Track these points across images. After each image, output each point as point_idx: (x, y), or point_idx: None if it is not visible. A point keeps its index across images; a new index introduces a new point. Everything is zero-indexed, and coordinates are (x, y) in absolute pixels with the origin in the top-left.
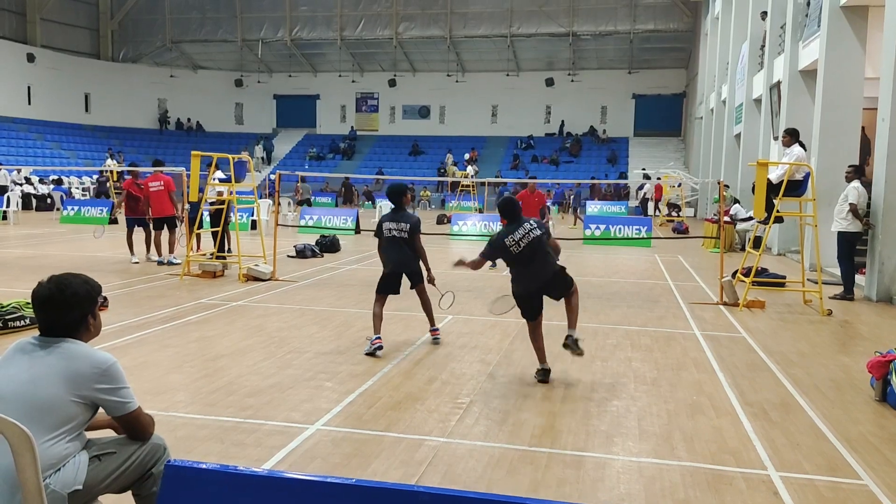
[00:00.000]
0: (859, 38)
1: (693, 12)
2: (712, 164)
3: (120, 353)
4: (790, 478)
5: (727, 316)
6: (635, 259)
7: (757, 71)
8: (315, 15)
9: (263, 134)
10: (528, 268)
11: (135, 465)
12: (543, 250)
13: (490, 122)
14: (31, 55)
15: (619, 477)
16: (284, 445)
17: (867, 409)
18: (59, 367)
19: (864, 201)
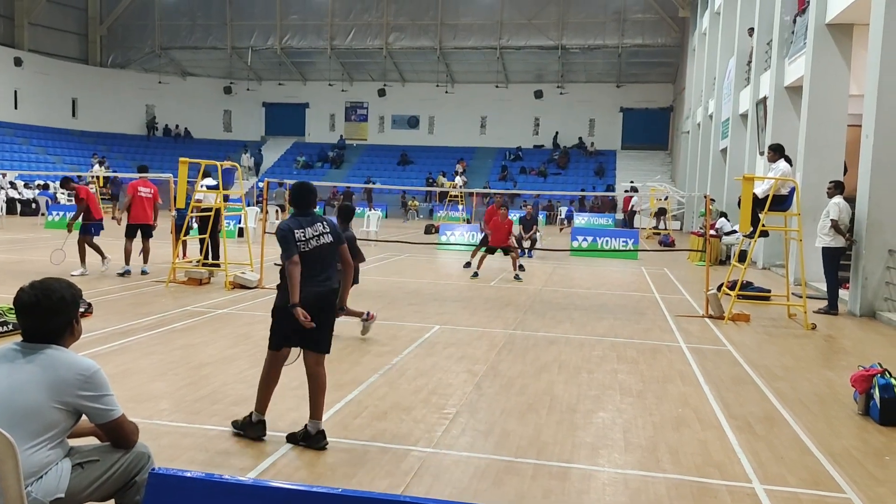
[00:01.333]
0: (844, 56)
1: (681, 28)
2: (699, 178)
3: (104, 360)
4: (774, 491)
5: (713, 329)
6: (622, 271)
7: (743, 86)
8: (305, 23)
9: (252, 142)
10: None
11: (118, 473)
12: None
13: (479, 133)
14: (18, 59)
15: (604, 489)
16: (269, 455)
17: (850, 423)
18: (42, 373)
19: (847, 217)
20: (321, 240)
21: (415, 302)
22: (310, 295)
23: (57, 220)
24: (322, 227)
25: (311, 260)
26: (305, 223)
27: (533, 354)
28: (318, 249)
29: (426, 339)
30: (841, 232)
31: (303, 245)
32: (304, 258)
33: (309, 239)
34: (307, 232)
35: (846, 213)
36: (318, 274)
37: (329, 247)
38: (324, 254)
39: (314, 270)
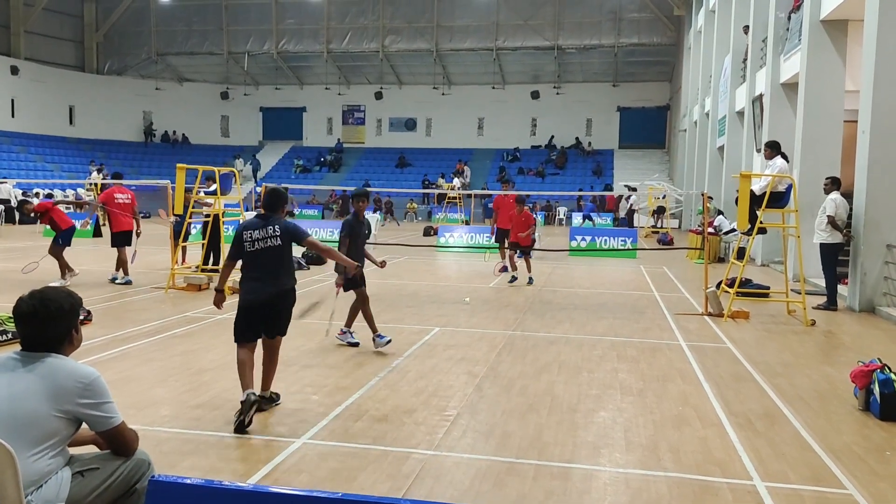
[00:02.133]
0: (839, 52)
1: (676, 26)
2: (696, 176)
3: (104, 367)
4: (775, 488)
5: (712, 327)
6: (621, 270)
7: (739, 84)
8: (302, 28)
9: (250, 146)
10: (258, 276)
11: (119, 480)
12: (280, 263)
13: (476, 135)
14: (14, 67)
15: (605, 489)
16: (270, 459)
17: (851, 419)
18: (42, 382)
19: (844, 212)
20: (268, 242)
21: (414, 304)
22: (261, 294)
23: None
24: (274, 230)
25: (256, 260)
26: (259, 225)
27: (533, 355)
28: (265, 251)
29: (426, 341)
30: (838, 228)
31: (248, 245)
32: (250, 257)
33: (256, 240)
34: (255, 234)
35: (843, 209)
36: (265, 274)
37: (276, 249)
38: (270, 255)
39: (261, 271)
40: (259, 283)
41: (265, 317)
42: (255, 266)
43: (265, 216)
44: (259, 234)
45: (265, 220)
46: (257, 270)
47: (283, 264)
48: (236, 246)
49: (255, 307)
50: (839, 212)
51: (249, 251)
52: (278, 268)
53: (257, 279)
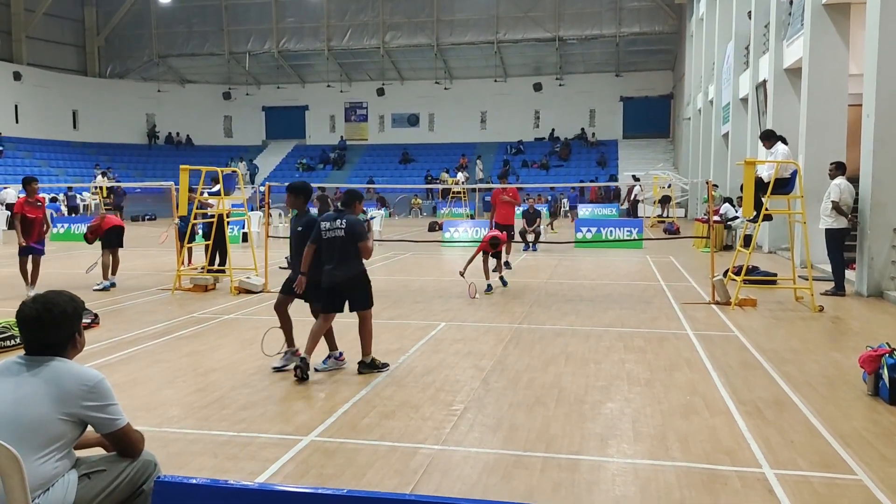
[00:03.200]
0: (842, 36)
1: (678, 14)
2: (701, 164)
3: (111, 369)
4: (785, 475)
5: (719, 315)
6: (627, 261)
7: (742, 70)
8: (302, 26)
9: (253, 146)
10: (329, 261)
11: (125, 482)
12: (344, 253)
13: (479, 129)
14: (17, 73)
15: (614, 479)
16: (278, 458)
17: (860, 405)
18: (47, 386)
19: (850, 197)
20: (335, 233)
21: (420, 300)
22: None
23: (62, 232)
24: (340, 224)
25: (328, 248)
26: (332, 218)
27: (539, 347)
28: (333, 241)
29: (432, 336)
30: (843, 213)
31: (324, 233)
32: (324, 245)
33: (327, 230)
34: (327, 225)
35: (848, 194)
36: (333, 261)
37: (340, 240)
38: (337, 245)
39: (330, 257)
40: (329, 268)
41: (339, 295)
42: (326, 253)
43: (339, 211)
44: (329, 226)
45: (338, 215)
46: (328, 258)
47: (347, 253)
48: (316, 233)
49: (328, 288)
50: (844, 197)
51: (324, 239)
52: (344, 256)
53: (328, 265)
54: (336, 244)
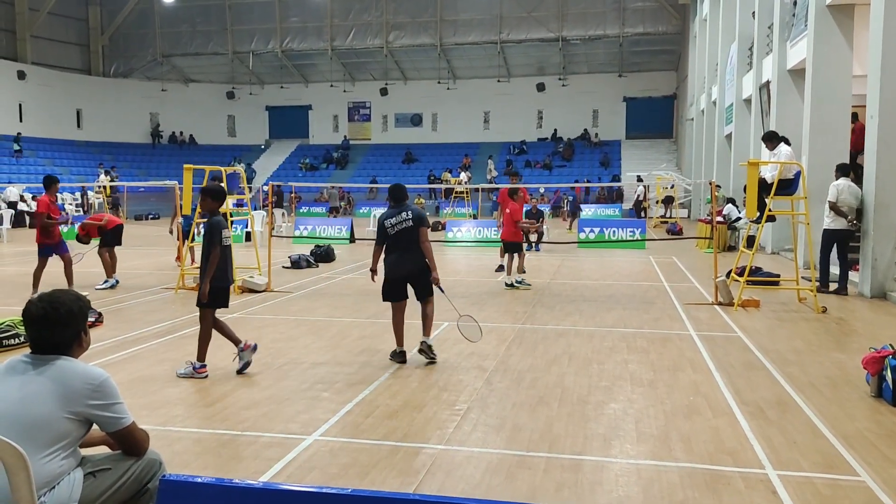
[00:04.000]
0: (846, 37)
1: (681, 15)
2: (704, 165)
3: (116, 368)
4: (788, 476)
5: (722, 316)
6: (630, 261)
7: (746, 71)
8: (305, 26)
9: (256, 146)
10: (398, 254)
11: (130, 480)
12: (414, 241)
13: (482, 129)
14: (21, 72)
15: (617, 480)
16: (282, 457)
17: (863, 406)
18: (53, 384)
19: (852, 198)
20: (403, 225)
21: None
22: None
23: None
24: (406, 215)
25: (396, 241)
26: (395, 213)
27: (542, 347)
28: (401, 233)
29: (435, 336)
30: (842, 214)
31: (390, 230)
32: (391, 239)
33: (394, 225)
34: (392, 220)
35: (848, 195)
36: (403, 252)
37: (410, 230)
38: (406, 236)
39: (400, 249)
40: (395, 259)
41: (405, 284)
42: (395, 247)
43: (398, 205)
44: (395, 220)
45: (399, 209)
46: (396, 250)
47: (416, 241)
48: (380, 233)
49: (399, 279)
50: (842, 197)
51: (391, 234)
52: (415, 244)
53: (395, 256)
54: (405, 235)
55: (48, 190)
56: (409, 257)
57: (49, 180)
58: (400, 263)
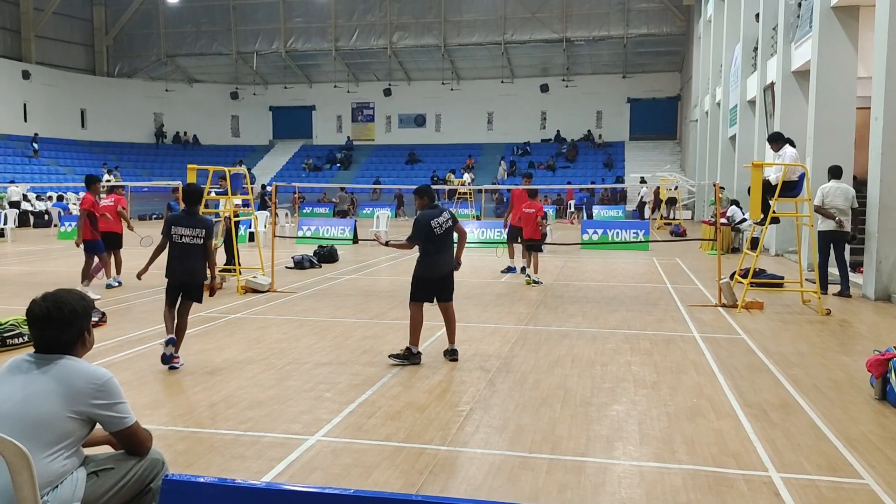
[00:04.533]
0: (851, 38)
1: (686, 16)
2: (708, 167)
3: (119, 367)
4: (791, 479)
5: (726, 318)
6: (633, 262)
7: (750, 73)
8: (309, 26)
9: (260, 146)
10: (436, 255)
11: (133, 480)
12: (450, 243)
13: (486, 130)
14: (26, 72)
15: (620, 482)
16: (284, 457)
17: (867, 408)
18: (56, 383)
19: (836, 200)
20: (446, 225)
21: None
22: (444, 268)
23: (69, 230)
24: (448, 215)
25: (441, 241)
26: (438, 213)
27: (546, 349)
28: (446, 232)
29: (438, 336)
30: (829, 215)
31: (437, 230)
32: (439, 239)
33: (441, 224)
34: (439, 220)
35: (836, 197)
36: (445, 252)
37: (450, 230)
38: (448, 235)
39: (441, 249)
40: (437, 259)
41: (441, 286)
42: (438, 246)
43: (436, 206)
44: (441, 220)
45: (440, 210)
46: (440, 250)
47: (452, 242)
48: (425, 232)
49: (438, 278)
50: (828, 200)
51: (438, 234)
52: (451, 245)
53: (437, 257)
54: (447, 235)
55: (90, 188)
56: (450, 257)
57: (90, 179)
58: (443, 264)
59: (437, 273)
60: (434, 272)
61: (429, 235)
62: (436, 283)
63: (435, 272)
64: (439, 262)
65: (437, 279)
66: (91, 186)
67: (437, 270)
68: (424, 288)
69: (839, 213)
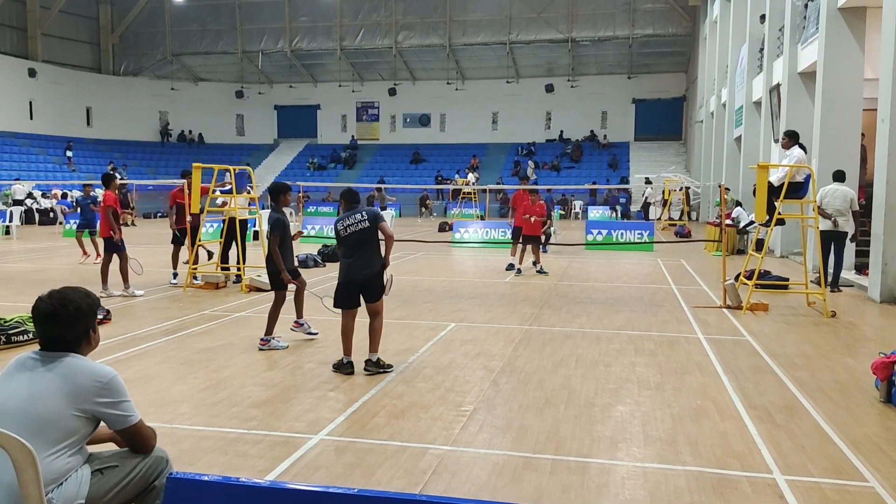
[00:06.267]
0: (858, 40)
1: (691, 16)
2: (713, 168)
3: (123, 365)
4: (796, 481)
5: (731, 319)
6: (638, 263)
7: (756, 74)
8: (315, 25)
9: (265, 145)
10: (351, 258)
11: (137, 478)
12: (368, 245)
13: (490, 129)
14: (32, 70)
15: (623, 483)
16: (288, 456)
17: (872, 411)
18: (61, 382)
19: (835, 202)
20: (358, 226)
21: (430, 300)
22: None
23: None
24: (360, 216)
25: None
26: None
27: (550, 349)
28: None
29: (442, 336)
30: (826, 216)
31: (342, 232)
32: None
33: (348, 226)
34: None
35: (833, 198)
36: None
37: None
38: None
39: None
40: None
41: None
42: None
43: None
44: (348, 223)
45: (354, 212)
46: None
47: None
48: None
49: (355, 284)
50: (826, 201)
51: (344, 237)
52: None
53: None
54: (359, 238)
55: (108, 186)
56: (365, 262)
57: (109, 176)
58: (357, 267)
59: (352, 277)
60: (349, 276)
61: (338, 239)
62: (356, 288)
63: (350, 276)
64: (354, 266)
65: (356, 283)
66: (110, 184)
67: (352, 274)
68: (345, 293)
69: (836, 213)
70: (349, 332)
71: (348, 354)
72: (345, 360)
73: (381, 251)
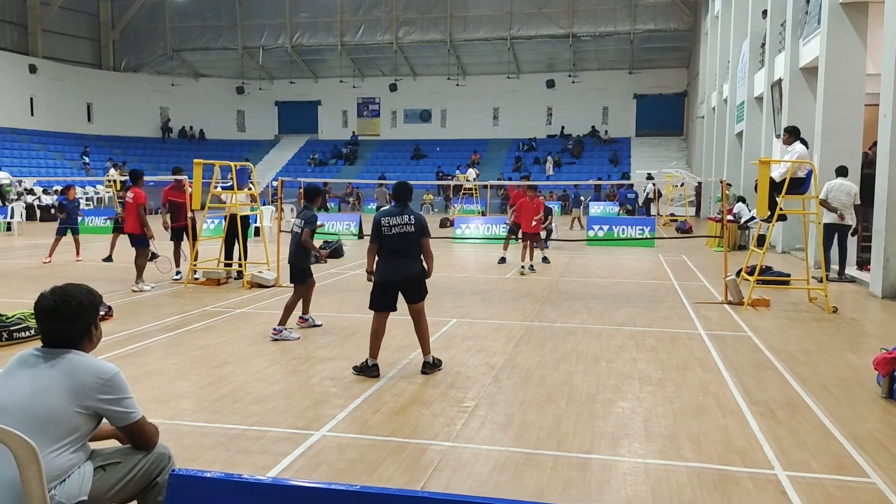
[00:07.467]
0: (860, 35)
1: (693, 11)
2: (715, 163)
3: (125, 362)
4: (797, 477)
5: (732, 315)
6: (639, 259)
7: (758, 69)
8: (315, 21)
9: (266, 141)
10: (390, 259)
11: (140, 474)
12: (412, 246)
13: (491, 125)
14: (32, 66)
15: (625, 479)
16: (290, 452)
17: (874, 407)
18: (63, 378)
19: (839, 196)
20: (403, 229)
21: (431, 296)
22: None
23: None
24: (408, 219)
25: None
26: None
27: (551, 345)
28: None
29: (443, 332)
30: (831, 209)
31: (385, 229)
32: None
33: (393, 226)
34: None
35: (839, 192)
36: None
37: (407, 236)
38: (404, 239)
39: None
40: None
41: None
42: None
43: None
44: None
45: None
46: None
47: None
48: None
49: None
50: (831, 195)
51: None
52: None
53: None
54: (403, 238)
55: (136, 183)
56: (407, 260)
57: (136, 174)
58: (395, 267)
59: (391, 277)
60: (387, 276)
61: (376, 233)
62: (393, 289)
63: (388, 276)
64: (393, 266)
65: (394, 284)
66: (137, 181)
67: (391, 274)
68: (381, 294)
69: (841, 207)
70: (380, 335)
71: (374, 357)
72: (370, 363)
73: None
